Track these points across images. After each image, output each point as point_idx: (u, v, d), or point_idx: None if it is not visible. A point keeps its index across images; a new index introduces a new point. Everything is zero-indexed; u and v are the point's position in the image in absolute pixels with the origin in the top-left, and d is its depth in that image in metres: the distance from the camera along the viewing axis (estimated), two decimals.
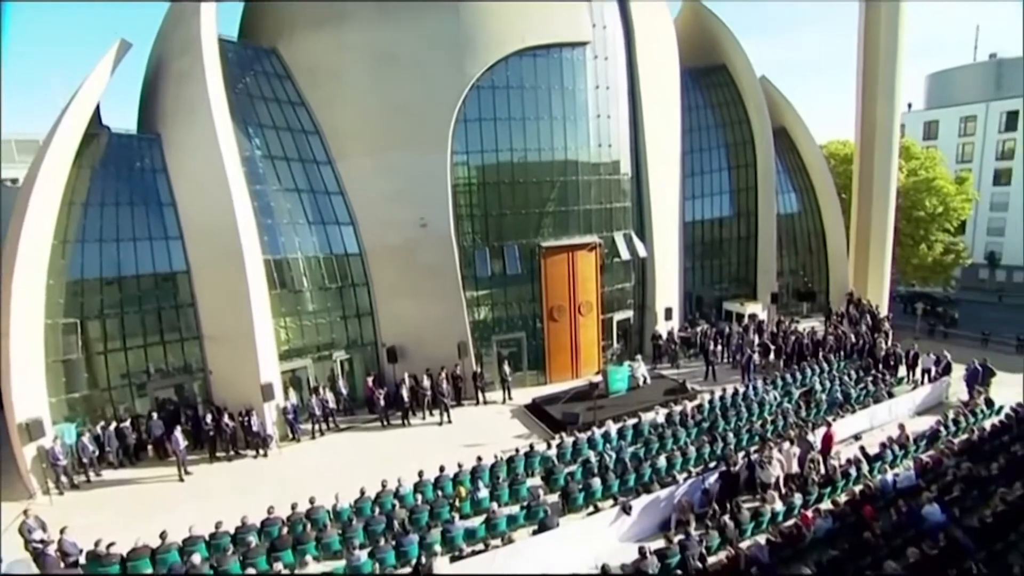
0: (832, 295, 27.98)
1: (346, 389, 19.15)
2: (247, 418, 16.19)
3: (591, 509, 12.47)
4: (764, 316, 25.27)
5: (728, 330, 23.39)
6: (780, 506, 11.64)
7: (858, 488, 12.06)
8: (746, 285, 27.21)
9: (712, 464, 13.70)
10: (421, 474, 13.11)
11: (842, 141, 37.15)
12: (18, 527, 11.23)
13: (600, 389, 18.53)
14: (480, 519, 11.79)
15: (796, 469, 13.13)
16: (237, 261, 16.12)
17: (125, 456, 15.96)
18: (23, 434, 13.65)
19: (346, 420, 18.76)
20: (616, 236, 21.96)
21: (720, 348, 22.81)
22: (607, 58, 21.04)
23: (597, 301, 21.78)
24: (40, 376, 14.51)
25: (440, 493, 12.71)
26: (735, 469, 12.87)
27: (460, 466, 13.51)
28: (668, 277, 23.82)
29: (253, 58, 19.58)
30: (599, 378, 19.42)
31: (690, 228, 25.50)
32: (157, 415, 16.43)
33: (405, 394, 18.35)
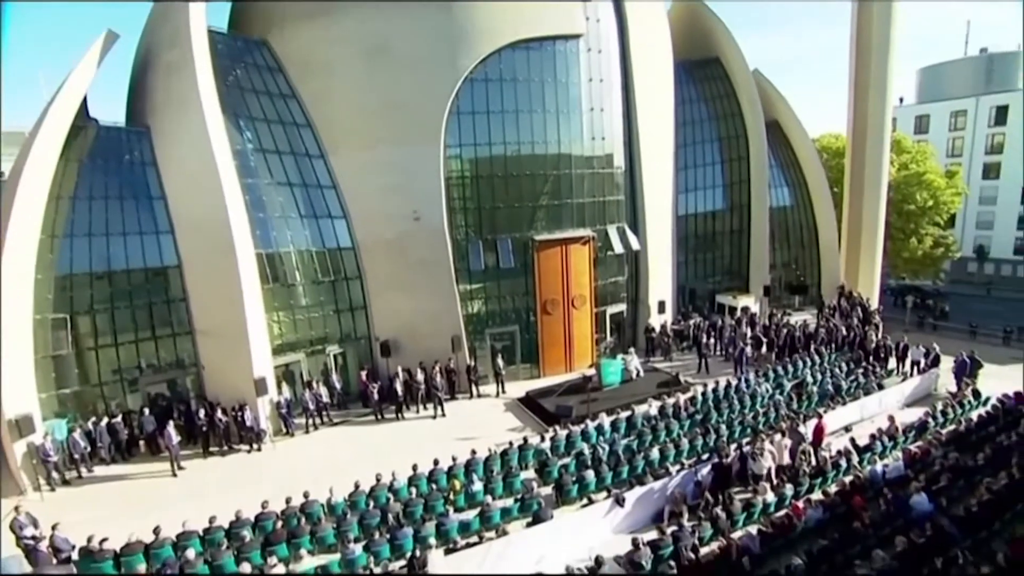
0: (824, 288, 28.20)
1: (340, 383, 19.12)
2: (240, 413, 16.16)
3: (585, 501, 12.56)
4: (756, 309, 25.45)
5: (721, 323, 23.52)
6: (772, 497, 11.75)
7: (848, 479, 12.18)
8: (739, 278, 27.35)
9: (705, 456, 13.81)
10: (415, 468, 13.11)
11: (835, 135, 37.23)
12: (9, 524, 11.13)
13: (593, 382, 18.66)
14: (474, 512, 11.84)
15: (787, 460, 13.26)
16: (229, 255, 16.02)
17: (117, 452, 15.85)
18: (12, 430, 13.56)
19: (340, 414, 18.74)
20: (609, 229, 21.99)
21: (713, 341, 22.96)
22: (600, 51, 20.97)
23: (590, 294, 21.81)
24: (29, 372, 14.38)
25: (434, 486, 12.75)
26: (727, 461, 12.98)
27: (454, 459, 13.56)
28: (661, 270, 23.90)
29: (243, 50, 19.35)
30: (592, 371, 19.55)
31: (683, 221, 25.62)
32: (149, 410, 16.34)
33: (399, 388, 18.35)
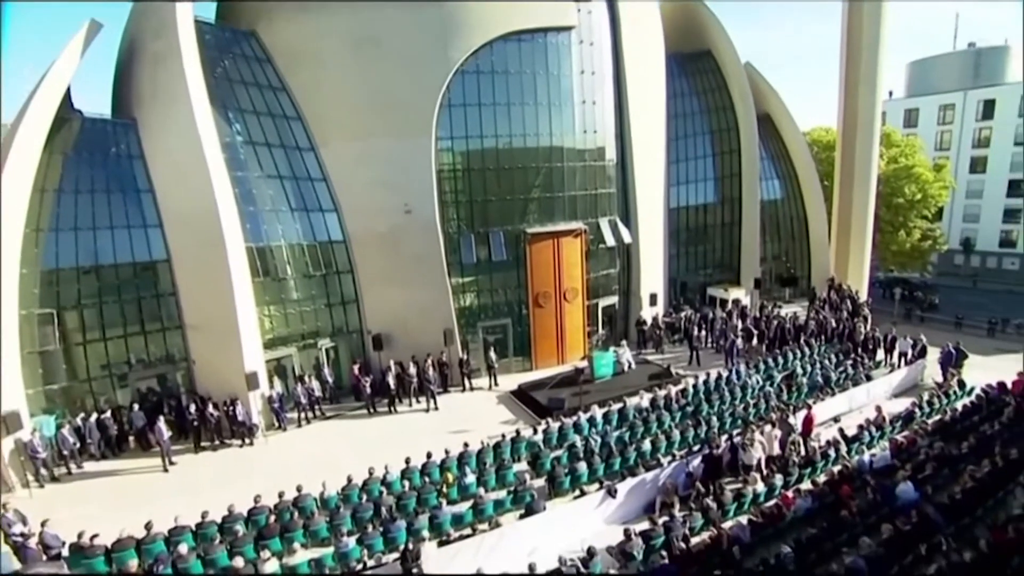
0: (814, 281, 28.42)
1: (332, 377, 19.04)
2: (232, 407, 16.06)
3: (577, 493, 12.62)
4: (747, 301, 25.62)
5: (712, 315, 23.65)
6: (762, 487, 11.86)
7: (837, 468, 12.33)
8: (730, 271, 27.52)
9: (696, 447, 13.91)
10: (408, 461, 13.12)
11: (825, 128, 37.42)
12: None
13: (585, 374, 18.68)
14: (467, 504, 11.88)
15: (777, 451, 13.42)
16: (219, 249, 15.87)
17: (107, 448, 15.73)
18: None
19: (332, 408, 18.70)
20: (601, 222, 22.00)
21: (704, 333, 23.10)
22: (592, 43, 20.88)
23: (582, 287, 21.85)
24: (16, 368, 14.16)
25: (427, 479, 12.76)
26: (718, 452, 13.09)
27: (447, 452, 13.56)
28: (653, 263, 23.97)
29: (232, 41, 19.08)
30: (584, 364, 19.58)
31: (675, 214, 25.68)
32: (139, 406, 16.21)
33: (391, 381, 18.31)
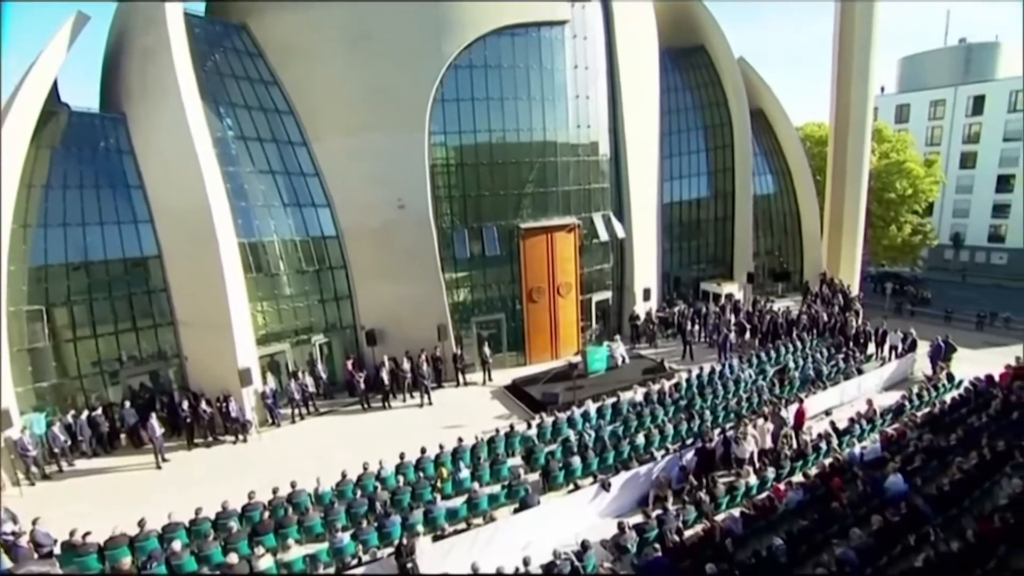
0: (806, 275, 28.61)
1: (325, 373, 19.02)
2: (225, 404, 16.00)
3: (571, 487, 12.69)
4: (740, 296, 25.73)
5: (705, 310, 23.76)
6: (754, 480, 11.97)
7: (828, 461, 12.45)
8: (723, 265, 27.63)
9: (689, 441, 13.99)
10: (402, 456, 13.13)
11: (818, 123, 37.57)
12: None
13: (579, 369, 18.73)
14: (462, 499, 11.91)
15: (770, 444, 13.53)
16: (211, 245, 15.75)
17: (99, 445, 15.63)
18: None
19: (326, 404, 18.66)
20: (595, 217, 22.02)
21: (697, 328, 23.18)
22: (586, 38, 20.83)
23: (576, 282, 21.88)
24: (5, 365, 14.00)
25: (422, 474, 12.78)
26: (711, 445, 13.17)
27: (441, 447, 13.58)
28: (646, 258, 24.03)
29: (222, 35, 18.88)
30: (578, 358, 19.65)
31: (668, 209, 25.76)
32: (131, 403, 16.11)
33: (385, 377, 18.30)
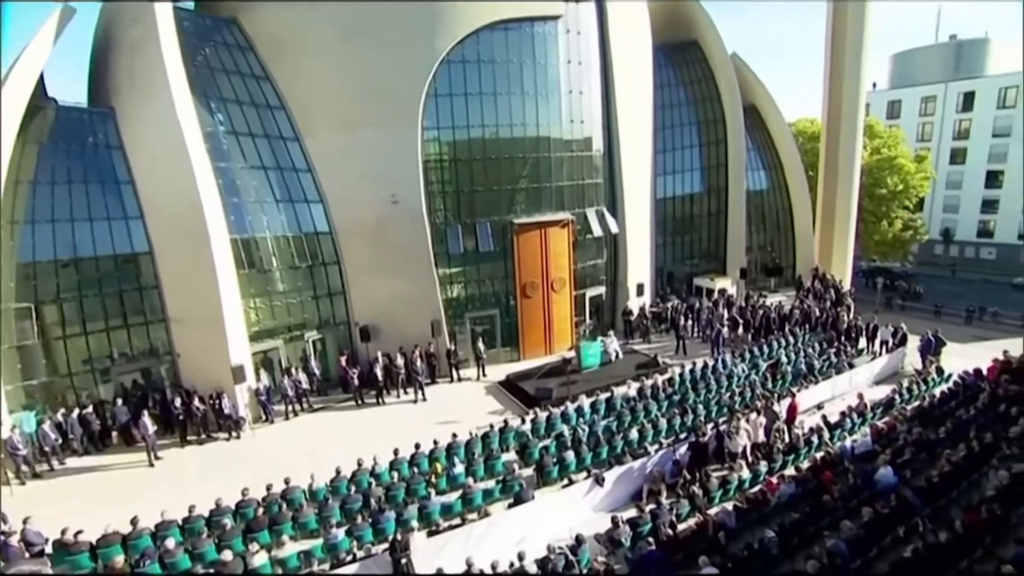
0: (799, 270, 28.77)
1: (319, 369, 18.93)
2: (218, 401, 15.91)
3: (565, 482, 12.72)
4: (733, 291, 25.88)
5: (698, 305, 23.87)
6: (747, 474, 12.06)
7: (819, 455, 12.56)
8: (716, 261, 27.75)
9: (682, 435, 14.05)
10: (397, 452, 13.13)
11: (810, 119, 37.72)
12: None
13: (573, 364, 18.80)
14: (456, 494, 11.93)
15: (762, 438, 13.63)
16: (202, 241, 15.62)
17: (90, 443, 15.49)
18: None
19: (320, 400, 18.62)
20: (588, 212, 22.02)
21: (690, 323, 23.31)
22: (579, 33, 20.76)
23: (570, 277, 21.88)
24: None
25: (416, 470, 12.80)
26: (704, 440, 13.25)
27: (435, 443, 13.59)
28: (640, 253, 24.08)
29: (212, 29, 18.68)
30: (572, 354, 19.68)
31: (661, 204, 25.80)
32: (123, 400, 15.98)
33: (379, 373, 18.27)
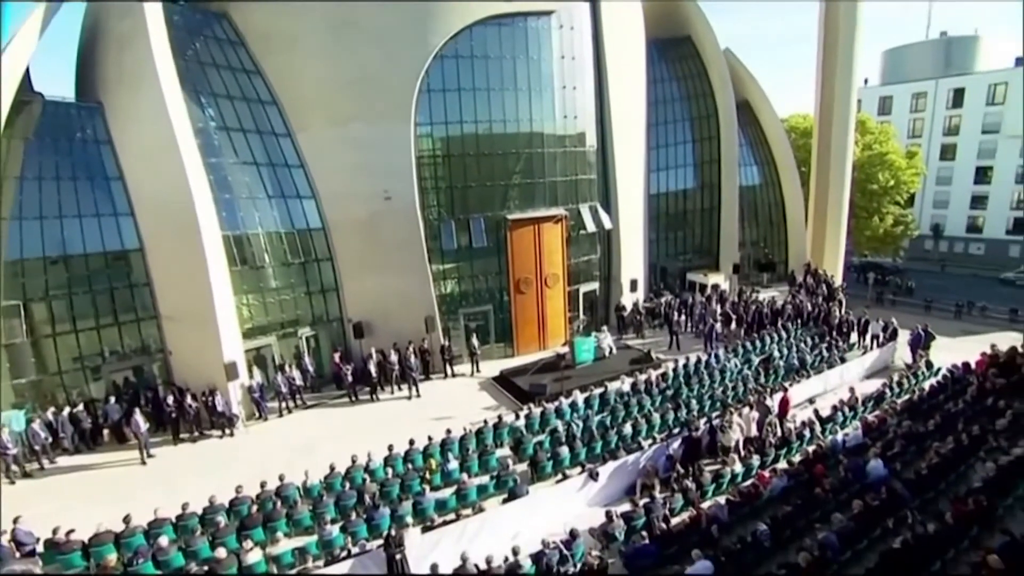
0: (791, 265, 28.93)
1: (312, 366, 18.87)
2: (211, 398, 15.83)
3: (559, 477, 12.77)
4: (726, 286, 25.98)
5: (691, 300, 23.95)
6: (739, 468, 12.14)
7: (811, 448, 12.67)
8: (709, 256, 27.83)
9: (676, 430, 14.11)
10: (391, 448, 13.13)
11: (803, 115, 37.87)
12: None
13: (567, 360, 18.85)
14: (451, 490, 11.95)
15: (755, 432, 13.71)
16: (194, 237, 15.48)
17: (81, 442, 15.37)
18: None
19: (313, 397, 18.57)
20: (582, 208, 22.03)
21: (684, 318, 23.36)
22: (572, 28, 20.72)
23: (563, 273, 21.92)
24: None
25: (410, 466, 12.78)
26: (697, 434, 13.33)
27: (430, 439, 13.58)
28: (633, 249, 24.13)
29: (202, 23, 18.45)
30: (566, 349, 19.73)
31: (655, 200, 25.87)
32: (115, 398, 15.87)
33: (373, 369, 18.24)
